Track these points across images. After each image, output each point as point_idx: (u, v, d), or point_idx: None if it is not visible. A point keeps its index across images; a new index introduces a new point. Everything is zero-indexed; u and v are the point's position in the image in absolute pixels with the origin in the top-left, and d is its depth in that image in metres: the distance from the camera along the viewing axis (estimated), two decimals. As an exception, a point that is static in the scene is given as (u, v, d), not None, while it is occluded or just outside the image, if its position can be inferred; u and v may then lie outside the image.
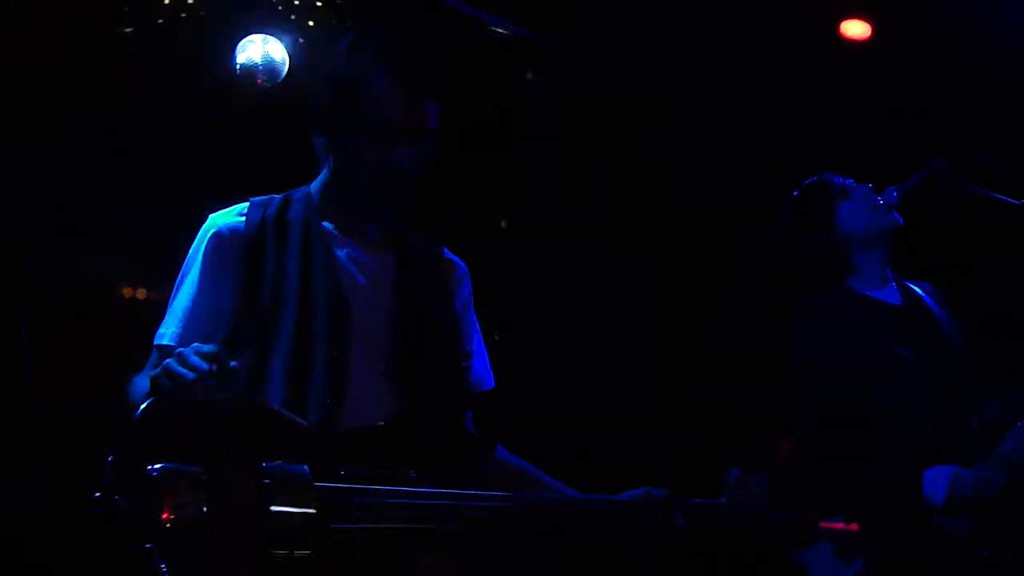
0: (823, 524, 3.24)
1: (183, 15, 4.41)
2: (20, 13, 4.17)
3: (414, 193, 2.58)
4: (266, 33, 4.42)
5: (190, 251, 2.53)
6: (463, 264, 2.74)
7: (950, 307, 3.43)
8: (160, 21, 4.37)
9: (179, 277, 2.53)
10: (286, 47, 4.40)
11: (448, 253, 2.74)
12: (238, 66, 4.38)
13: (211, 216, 2.55)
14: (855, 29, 5.02)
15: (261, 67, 4.35)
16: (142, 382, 2.36)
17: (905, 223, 3.38)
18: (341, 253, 2.52)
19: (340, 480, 2.20)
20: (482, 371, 2.68)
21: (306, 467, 2.15)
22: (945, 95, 4.96)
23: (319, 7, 4.51)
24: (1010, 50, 4.65)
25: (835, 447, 3.22)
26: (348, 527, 2.17)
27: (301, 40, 4.40)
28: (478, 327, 2.72)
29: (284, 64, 4.39)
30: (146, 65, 4.44)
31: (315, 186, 2.62)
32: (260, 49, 4.40)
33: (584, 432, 5.05)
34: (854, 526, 3.19)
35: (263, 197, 2.58)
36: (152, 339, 2.49)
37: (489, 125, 5.10)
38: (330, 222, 2.56)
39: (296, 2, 4.49)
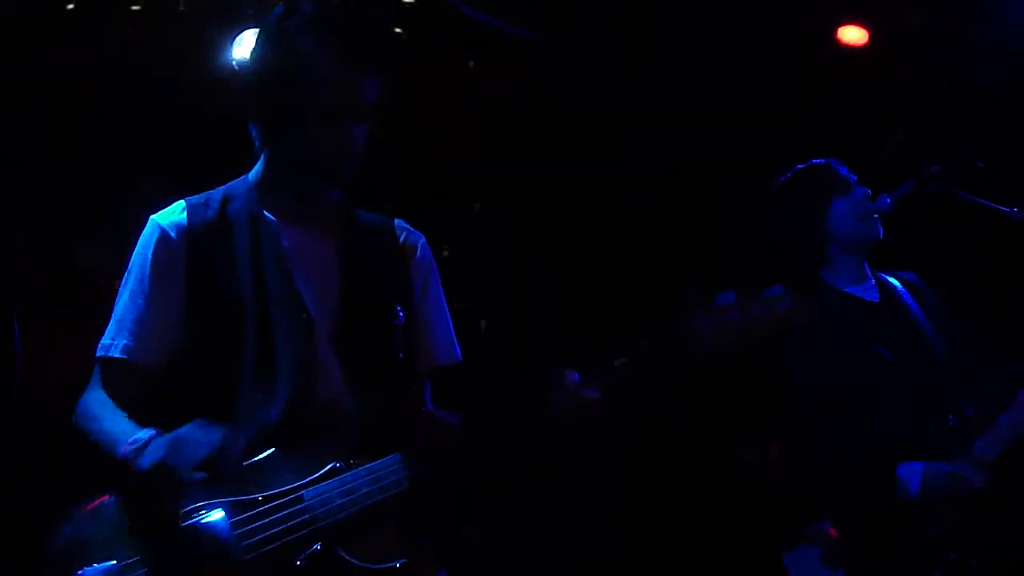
0: (811, 527, 3.25)
1: (181, 8, 4.41)
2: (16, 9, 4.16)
3: (359, 170, 2.47)
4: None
5: (134, 255, 2.44)
6: (420, 235, 2.63)
7: (931, 300, 3.44)
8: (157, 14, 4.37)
9: (124, 282, 2.43)
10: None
11: (403, 225, 2.62)
12: (234, 61, 4.38)
13: (152, 218, 2.46)
14: (852, 35, 5.03)
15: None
16: (91, 407, 2.34)
17: (885, 237, 3.39)
18: (287, 243, 2.44)
19: (258, 505, 2.21)
20: (447, 344, 2.60)
21: (223, 510, 2.18)
22: (940, 101, 4.97)
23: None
24: (1006, 56, 4.66)
25: (815, 445, 3.23)
26: (278, 543, 2.19)
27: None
28: (443, 300, 2.62)
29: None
30: (142, 57, 4.44)
31: (253, 176, 2.52)
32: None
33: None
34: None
35: (200, 195, 2.50)
36: None
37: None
38: (272, 211, 2.46)
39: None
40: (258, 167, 2.53)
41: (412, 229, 2.63)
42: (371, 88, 2.41)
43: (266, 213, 2.46)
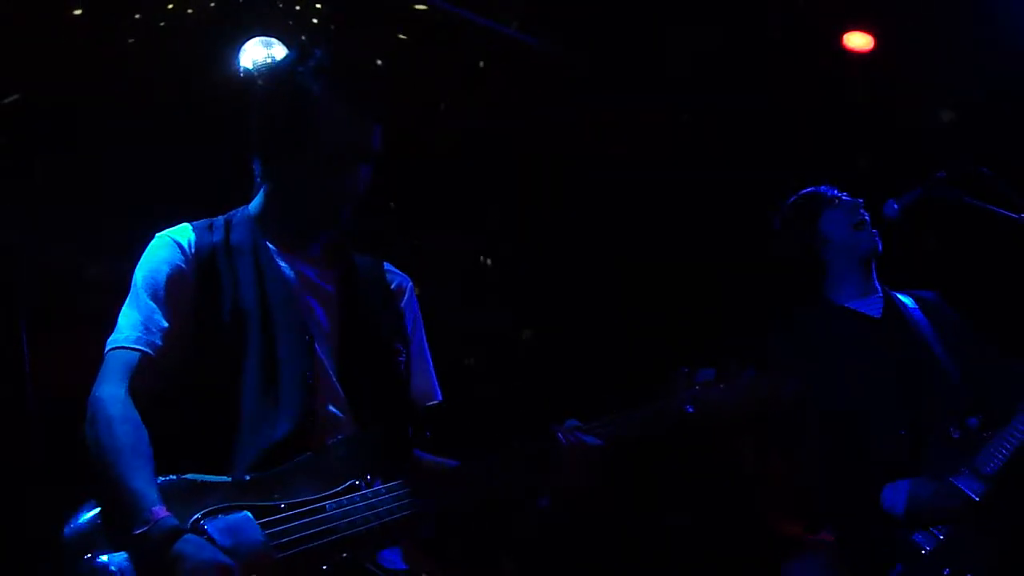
0: (814, 537, 3.25)
1: (187, 15, 4.42)
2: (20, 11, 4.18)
3: (356, 212, 2.53)
4: (269, 36, 4.43)
5: (145, 266, 2.45)
6: (408, 278, 2.70)
7: (947, 318, 3.43)
8: (164, 22, 4.38)
9: (134, 290, 2.44)
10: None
11: (391, 269, 2.70)
12: (241, 68, 4.39)
13: (162, 233, 2.50)
14: (858, 41, 5.03)
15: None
16: (115, 428, 2.28)
17: (883, 248, 3.41)
18: (289, 271, 2.50)
19: (281, 511, 2.24)
20: (429, 385, 2.67)
21: (247, 513, 2.19)
22: (946, 106, 4.97)
23: (320, 10, 4.52)
24: (1011, 63, 4.65)
25: (810, 458, 3.24)
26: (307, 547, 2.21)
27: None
28: (426, 343, 2.69)
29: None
30: (149, 65, 4.45)
31: (253, 208, 2.57)
32: (263, 52, 4.40)
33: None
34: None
35: (204, 220, 2.54)
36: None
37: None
38: (274, 243, 2.52)
39: (298, 6, 4.51)
40: (259, 199, 2.57)
41: (400, 272, 2.71)
42: (376, 132, 2.48)
43: (268, 244, 2.52)
